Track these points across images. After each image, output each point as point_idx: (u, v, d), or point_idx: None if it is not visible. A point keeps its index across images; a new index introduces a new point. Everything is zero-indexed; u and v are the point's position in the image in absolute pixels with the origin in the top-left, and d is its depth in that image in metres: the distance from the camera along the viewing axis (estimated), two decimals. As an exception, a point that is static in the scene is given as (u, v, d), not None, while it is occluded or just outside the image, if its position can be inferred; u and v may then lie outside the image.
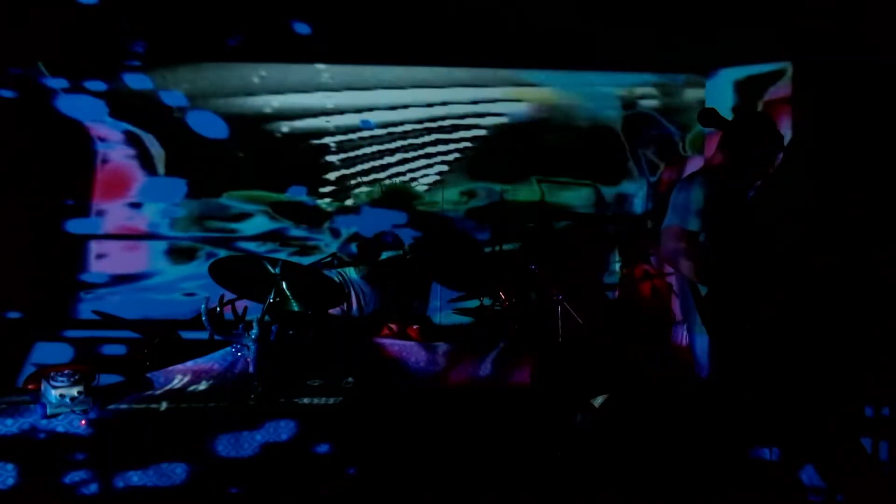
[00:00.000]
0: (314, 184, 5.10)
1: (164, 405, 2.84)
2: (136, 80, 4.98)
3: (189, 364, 3.21)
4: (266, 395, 2.89)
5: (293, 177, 5.09)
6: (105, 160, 5.01)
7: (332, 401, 2.95)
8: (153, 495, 2.66)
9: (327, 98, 5.07)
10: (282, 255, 4.68)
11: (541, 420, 2.99)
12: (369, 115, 5.10)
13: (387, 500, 2.81)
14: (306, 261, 4.67)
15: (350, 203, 5.12)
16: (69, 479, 2.63)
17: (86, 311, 4.93)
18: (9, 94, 4.77)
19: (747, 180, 3.06)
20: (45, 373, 2.77)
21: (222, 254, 4.85)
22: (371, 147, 5.12)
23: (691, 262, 2.84)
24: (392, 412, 2.93)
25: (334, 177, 5.10)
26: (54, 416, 2.65)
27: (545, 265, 4.15)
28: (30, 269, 4.78)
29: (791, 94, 4.71)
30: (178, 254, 5.03)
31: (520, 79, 5.15)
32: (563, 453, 2.93)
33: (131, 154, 5.01)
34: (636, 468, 2.88)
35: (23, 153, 4.77)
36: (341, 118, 5.10)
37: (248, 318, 3.90)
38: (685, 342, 3.50)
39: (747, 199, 3.06)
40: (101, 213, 5.00)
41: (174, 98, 5.01)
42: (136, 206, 5.01)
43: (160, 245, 5.03)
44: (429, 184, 5.14)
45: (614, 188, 5.22)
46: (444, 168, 5.14)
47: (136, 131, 5.01)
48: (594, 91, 5.17)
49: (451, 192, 5.14)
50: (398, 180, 5.12)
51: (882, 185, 4.28)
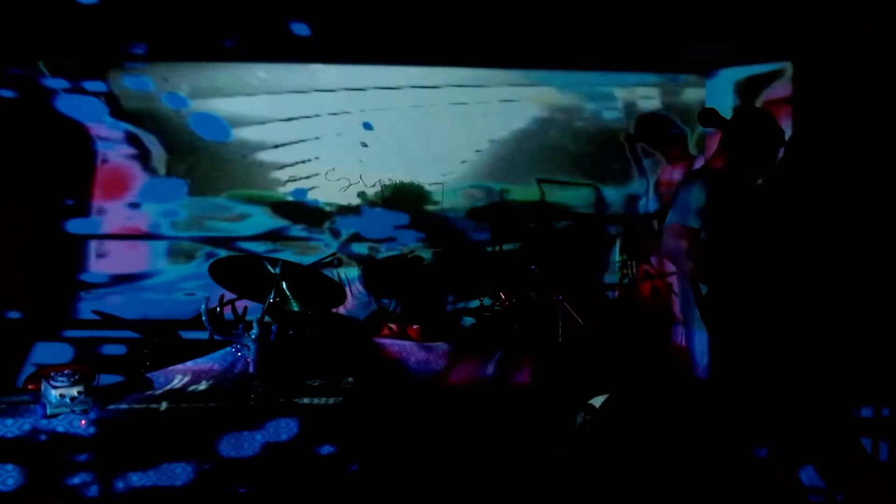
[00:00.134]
0: (314, 184, 5.10)
1: (164, 405, 2.84)
2: (137, 80, 4.99)
3: (189, 364, 3.21)
4: (266, 395, 2.89)
5: (293, 176, 5.09)
6: (105, 160, 5.01)
7: (332, 401, 2.95)
8: (153, 495, 2.66)
9: (326, 98, 5.07)
10: (286, 256, 4.67)
11: (541, 420, 2.99)
12: (369, 116, 5.10)
13: (387, 501, 2.81)
14: (306, 260, 4.67)
15: (350, 203, 5.12)
16: (69, 480, 2.63)
17: (86, 311, 4.94)
18: (9, 94, 4.77)
19: (748, 178, 3.06)
20: (45, 373, 2.77)
21: (222, 254, 4.85)
22: (370, 147, 5.12)
23: (692, 261, 2.84)
24: (392, 412, 2.93)
25: (334, 176, 5.10)
26: (54, 416, 2.65)
27: (545, 265, 4.15)
28: (30, 269, 4.78)
29: (791, 94, 4.71)
30: (178, 254, 5.04)
31: (520, 78, 5.14)
32: (563, 453, 2.93)
33: (131, 154, 5.02)
34: (636, 468, 2.88)
35: (23, 153, 4.76)
36: (341, 118, 5.10)
37: (248, 318, 3.91)
38: (684, 342, 3.50)
39: (748, 197, 3.06)
40: (101, 213, 5.00)
41: (175, 98, 5.01)
42: (136, 206, 5.01)
43: (160, 245, 5.03)
44: (429, 184, 5.14)
45: (614, 188, 5.22)
46: (445, 168, 5.14)
47: (136, 131, 5.01)
48: (594, 91, 5.17)
49: (452, 193, 5.14)
50: (398, 180, 5.12)
51: (882, 185, 4.28)
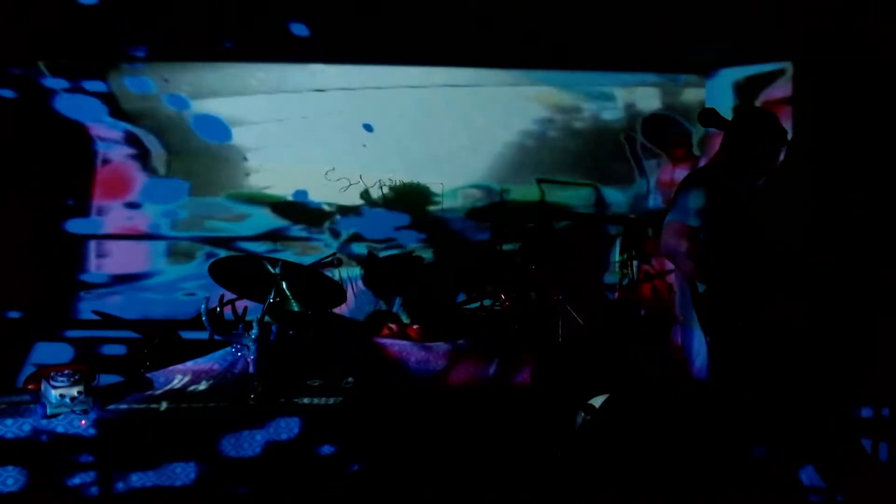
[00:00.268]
0: (314, 184, 5.10)
1: (164, 405, 2.84)
2: (137, 81, 4.99)
3: (189, 364, 3.21)
4: (266, 395, 2.89)
5: (292, 176, 5.09)
6: (105, 160, 5.01)
7: (332, 401, 2.95)
8: (153, 495, 2.66)
9: (326, 98, 5.07)
10: (286, 256, 4.66)
11: (541, 420, 2.99)
12: (368, 116, 5.10)
13: (387, 501, 2.81)
14: (306, 260, 4.67)
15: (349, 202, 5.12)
16: (69, 480, 2.63)
17: (86, 311, 4.94)
18: (9, 94, 4.77)
19: (750, 179, 3.06)
20: (45, 373, 2.77)
21: (222, 254, 4.85)
22: (370, 147, 5.12)
23: (690, 260, 2.84)
24: (392, 412, 2.92)
25: (334, 176, 5.09)
26: (54, 416, 2.65)
27: (545, 265, 4.15)
28: (30, 269, 4.78)
29: (791, 94, 4.71)
30: (178, 254, 5.04)
31: (520, 78, 5.14)
32: (563, 453, 2.93)
33: (131, 154, 5.01)
34: (636, 468, 2.88)
35: (23, 153, 4.76)
36: (341, 118, 5.10)
37: (248, 318, 3.91)
38: (682, 341, 3.50)
39: (748, 198, 3.06)
40: (101, 213, 5.00)
41: (175, 98, 5.01)
42: (136, 206, 5.01)
43: (160, 245, 5.03)
44: (429, 184, 5.14)
45: (615, 188, 5.21)
46: (445, 168, 5.14)
47: (136, 131, 5.01)
48: (594, 91, 5.17)
49: (452, 193, 5.14)
50: (398, 180, 5.12)
51: (882, 185, 4.28)
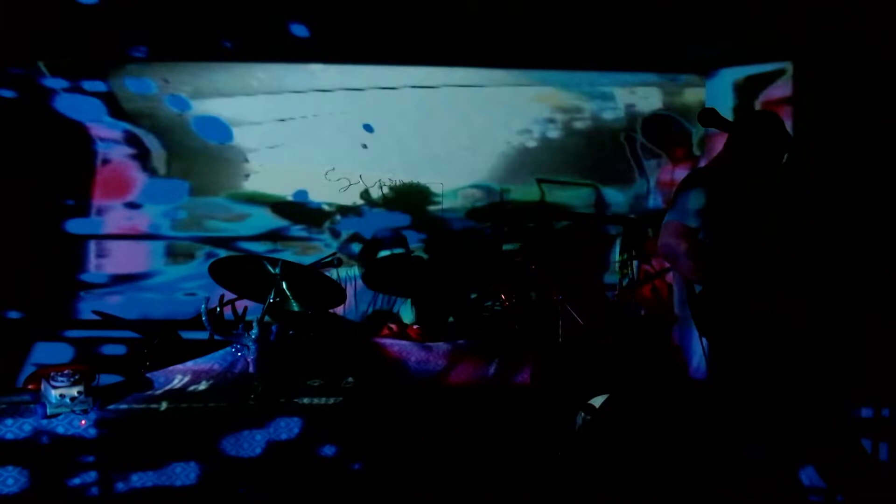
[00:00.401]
0: (314, 184, 5.10)
1: (164, 405, 2.84)
2: (137, 81, 4.99)
3: (189, 364, 3.21)
4: (266, 395, 2.89)
5: (292, 176, 5.09)
6: (105, 160, 5.01)
7: (332, 401, 2.95)
8: (153, 496, 2.66)
9: (326, 98, 5.07)
10: (286, 256, 4.66)
11: (541, 420, 2.99)
12: (368, 116, 5.10)
13: (387, 501, 2.81)
14: (306, 260, 4.67)
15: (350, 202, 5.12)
16: (69, 480, 2.63)
17: (86, 311, 4.94)
18: (9, 94, 4.77)
19: (751, 180, 3.05)
20: (45, 373, 2.77)
21: (222, 254, 4.85)
22: (370, 147, 5.12)
23: (688, 260, 2.83)
24: (392, 412, 2.92)
25: (334, 176, 5.09)
26: (54, 416, 2.65)
27: (545, 265, 4.14)
28: (30, 269, 4.78)
29: (791, 94, 4.71)
30: (177, 254, 5.04)
31: (520, 78, 5.14)
32: (563, 453, 2.93)
33: (131, 154, 5.01)
34: (636, 468, 2.89)
35: (23, 153, 4.76)
36: (341, 118, 5.10)
37: (248, 318, 3.90)
38: (680, 341, 3.50)
39: (748, 198, 3.06)
40: (101, 213, 5.00)
41: (175, 98, 5.01)
42: (136, 206, 5.01)
43: (160, 245, 5.03)
44: (429, 184, 5.13)
45: (615, 188, 5.21)
46: (445, 168, 5.13)
47: (136, 131, 5.01)
48: (594, 91, 5.17)
49: (452, 193, 5.14)
50: (398, 180, 5.11)
51: (882, 185, 4.28)
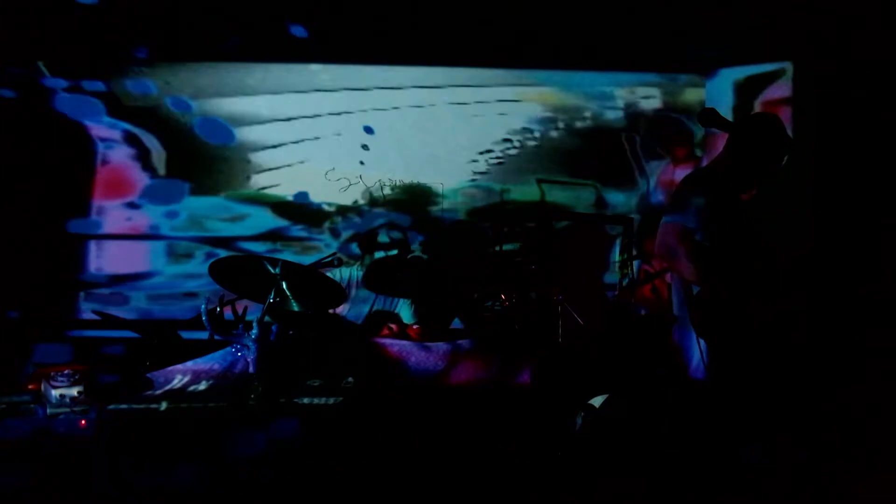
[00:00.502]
0: (314, 184, 5.10)
1: (164, 405, 2.84)
2: (137, 81, 4.99)
3: (189, 364, 3.21)
4: (266, 395, 2.89)
5: (293, 176, 5.10)
6: (105, 160, 5.01)
7: (332, 401, 2.95)
8: (153, 495, 2.66)
9: (325, 98, 5.07)
10: (286, 256, 4.67)
11: (541, 420, 2.99)
12: (369, 116, 5.10)
13: (387, 501, 2.81)
14: (306, 260, 4.67)
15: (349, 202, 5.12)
16: (69, 480, 2.63)
17: (86, 311, 4.94)
18: (9, 94, 4.78)
19: (750, 182, 3.05)
20: (45, 373, 2.77)
21: (222, 254, 4.85)
22: (371, 147, 5.12)
23: (684, 260, 2.82)
24: (392, 412, 2.93)
25: (334, 177, 5.10)
26: (54, 415, 2.65)
27: (545, 265, 4.14)
28: (30, 269, 4.78)
29: (791, 94, 4.71)
30: (177, 254, 5.04)
31: (520, 78, 5.14)
32: (563, 453, 2.93)
33: (131, 154, 5.02)
34: (636, 468, 2.89)
35: (23, 153, 4.77)
36: (341, 118, 5.10)
37: (248, 318, 3.90)
38: (680, 341, 3.50)
39: (748, 199, 3.06)
40: (101, 213, 5.00)
41: (176, 98, 5.01)
42: (136, 206, 5.02)
43: (160, 245, 5.03)
44: (429, 184, 5.14)
45: (615, 188, 5.21)
46: (445, 168, 5.14)
47: (136, 131, 5.01)
48: (594, 91, 5.17)
49: (452, 193, 5.14)
50: (398, 180, 5.12)
51: (882, 185, 4.28)
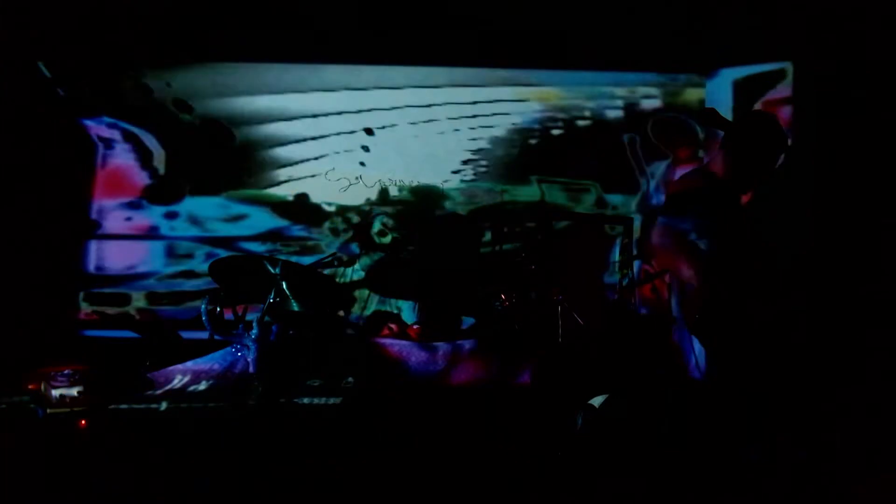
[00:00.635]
0: (314, 184, 5.11)
1: (164, 405, 2.85)
2: (138, 81, 5.00)
3: (189, 364, 3.22)
4: (266, 395, 2.89)
5: (293, 176, 5.10)
6: (105, 160, 5.02)
7: (332, 401, 2.96)
8: (153, 495, 2.67)
9: (327, 98, 5.08)
10: (286, 256, 4.67)
11: (541, 420, 2.99)
12: (369, 116, 5.10)
13: (387, 501, 2.81)
14: (307, 260, 4.67)
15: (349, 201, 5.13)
16: (68, 480, 2.63)
17: (86, 310, 4.95)
18: (9, 94, 4.77)
19: (748, 180, 3.04)
20: (45, 373, 2.78)
21: (222, 254, 4.85)
22: (371, 147, 5.12)
23: (679, 261, 2.81)
24: (392, 412, 2.93)
25: (334, 177, 5.10)
26: (54, 415, 2.66)
27: (545, 265, 4.14)
28: (30, 269, 4.78)
29: (791, 94, 4.71)
30: (177, 254, 5.04)
31: (520, 78, 5.14)
32: (563, 453, 2.93)
33: (131, 154, 5.02)
34: (636, 468, 2.88)
35: (23, 153, 4.77)
36: (342, 118, 5.10)
37: (248, 318, 3.91)
38: (679, 341, 3.50)
39: (747, 199, 3.05)
40: (101, 213, 5.01)
41: (176, 99, 5.02)
42: (136, 206, 5.02)
43: (160, 245, 5.03)
44: (429, 184, 5.14)
45: (615, 188, 5.21)
46: (445, 168, 5.14)
47: (136, 131, 5.01)
48: (595, 91, 5.17)
49: (452, 193, 5.14)
50: (398, 180, 5.12)
51: (882, 185, 4.28)
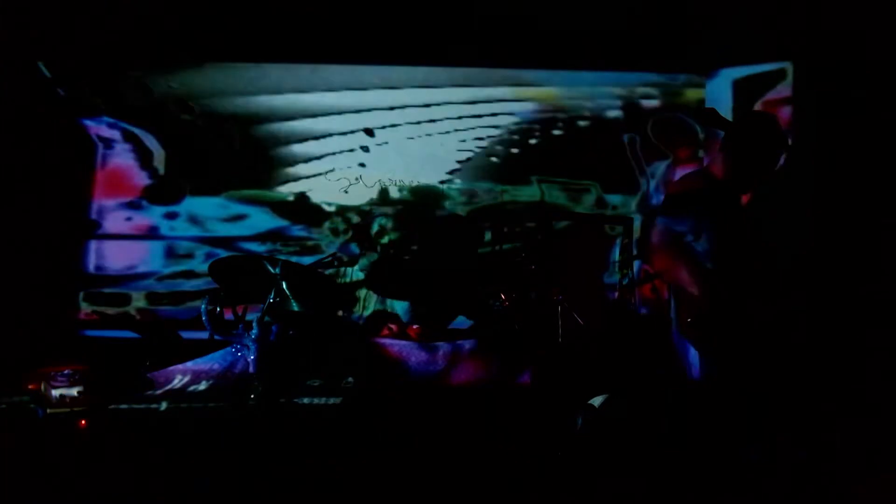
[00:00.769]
0: (314, 184, 5.11)
1: (164, 405, 2.85)
2: (138, 81, 5.00)
3: (189, 364, 3.22)
4: (266, 395, 2.89)
5: (293, 176, 5.10)
6: (105, 160, 5.02)
7: (332, 401, 2.96)
8: (153, 496, 2.67)
9: (327, 98, 5.08)
10: (286, 255, 4.67)
11: (541, 420, 2.99)
12: (369, 116, 5.11)
13: (387, 501, 2.81)
14: (307, 260, 4.67)
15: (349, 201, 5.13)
16: (68, 480, 2.63)
17: (86, 310, 4.95)
18: (9, 94, 4.77)
19: (748, 181, 3.04)
20: (45, 373, 2.78)
21: (222, 254, 4.86)
22: (371, 147, 5.12)
23: (673, 262, 2.80)
24: (392, 412, 2.93)
25: (334, 177, 5.10)
26: (54, 415, 2.66)
27: (545, 265, 4.14)
28: (30, 269, 4.78)
29: (791, 94, 4.71)
30: (177, 254, 5.04)
31: (520, 78, 5.14)
32: (563, 453, 2.93)
33: (131, 154, 5.02)
34: (636, 469, 2.89)
35: (23, 153, 4.77)
36: (342, 118, 5.10)
37: (248, 318, 3.91)
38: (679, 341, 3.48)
39: (746, 200, 3.05)
40: (101, 213, 5.01)
41: (176, 98, 5.02)
42: (136, 206, 5.02)
43: (160, 245, 5.04)
44: (429, 184, 5.14)
45: (615, 188, 5.21)
46: (445, 168, 5.14)
47: (136, 131, 5.02)
48: (594, 91, 5.17)
49: (452, 193, 5.14)
50: (398, 180, 5.12)
51: (882, 185, 4.28)
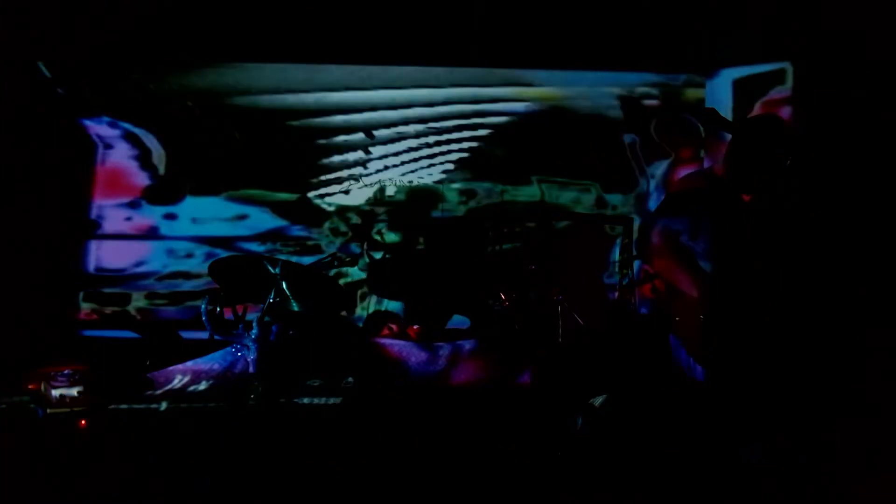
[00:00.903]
0: (315, 183, 5.11)
1: (164, 405, 2.85)
2: (138, 81, 5.00)
3: (189, 364, 3.22)
4: (266, 395, 2.89)
5: (293, 176, 5.10)
6: (105, 160, 5.02)
7: (332, 401, 2.96)
8: (154, 496, 2.67)
9: (327, 98, 5.08)
10: (286, 255, 4.67)
11: (541, 420, 2.99)
12: (369, 116, 5.11)
13: (387, 501, 2.81)
14: (307, 260, 4.67)
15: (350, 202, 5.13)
16: (68, 480, 2.63)
17: (86, 310, 4.95)
18: (9, 94, 4.78)
19: (752, 183, 3.03)
20: (45, 373, 2.77)
21: (222, 254, 4.86)
22: (371, 147, 5.12)
23: (670, 262, 2.79)
24: (392, 412, 2.93)
25: (335, 176, 5.10)
26: (54, 415, 2.65)
27: (545, 265, 4.14)
28: (30, 269, 4.78)
29: (791, 94, 4.71)
30: (177, 253, 5.04)
31: (520, 78, 5.14)
32: (563, 453, 2.93)
33: (131, 154, 5.02)
34: (636, 469, 2.89)
35: (24, 153, 4.77)
36: (342, 118, 5.10)
37: (248, 318, 3.90)
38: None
39: (746, 202, 3.04)
40: (101, 213, 5.01)
41: (176, 98, 5.02)
42: (136, 206, 5.02)
43: (160, 245, 5.04)
44: (428, 184, 5.14)
45: (615, 188, 5.21)
46: (445, 168, 5.14)
47: (136, 131, 5.01)
48: (594, 91, 5.17)
49: (452, 193, 5.14)
50: (399, 181, 5.12)
51: (882, 185, 4.28)
